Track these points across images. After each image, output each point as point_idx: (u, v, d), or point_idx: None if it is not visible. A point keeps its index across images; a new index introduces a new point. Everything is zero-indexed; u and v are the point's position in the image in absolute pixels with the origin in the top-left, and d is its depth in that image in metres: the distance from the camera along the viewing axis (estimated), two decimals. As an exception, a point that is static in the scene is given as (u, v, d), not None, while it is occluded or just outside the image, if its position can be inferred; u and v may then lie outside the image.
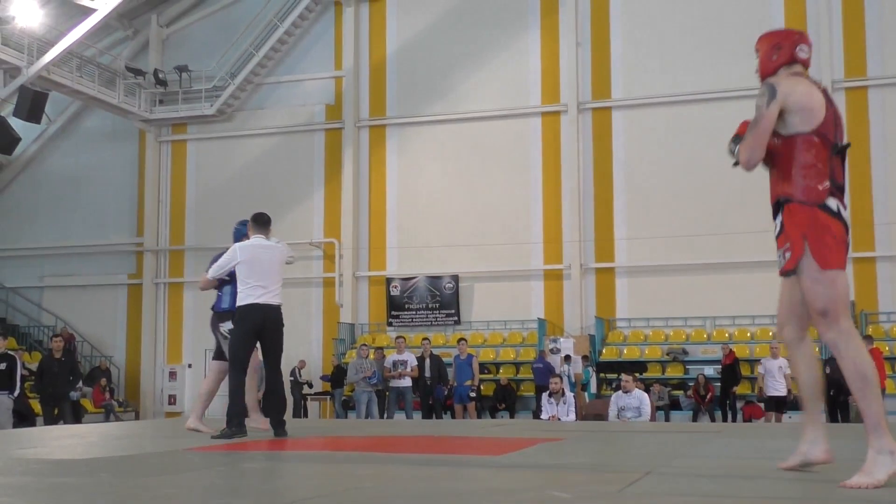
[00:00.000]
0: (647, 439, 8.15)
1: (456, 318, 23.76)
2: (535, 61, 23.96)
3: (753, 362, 20.04)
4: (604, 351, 22.08)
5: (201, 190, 26.47)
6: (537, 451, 6.54)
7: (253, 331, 7.95)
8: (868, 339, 17.51)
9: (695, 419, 19.39)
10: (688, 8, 22.89)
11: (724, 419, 19.22)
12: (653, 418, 15.08)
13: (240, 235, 8.76)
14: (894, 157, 20.93)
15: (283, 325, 8.09)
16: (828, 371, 17.88)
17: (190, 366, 25.09)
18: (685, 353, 21.65)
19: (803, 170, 4.27)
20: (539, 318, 22.81)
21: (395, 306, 24.08)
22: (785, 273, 4.42)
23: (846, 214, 4.31)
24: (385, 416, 18.27)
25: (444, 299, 23.75)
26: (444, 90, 24.58)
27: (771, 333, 21.33)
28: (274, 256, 8.19)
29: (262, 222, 8.48)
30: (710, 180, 22.11)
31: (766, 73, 4.56)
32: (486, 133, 24.07)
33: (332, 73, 25.80)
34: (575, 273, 22.87)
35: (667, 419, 19.46)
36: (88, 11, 22.49)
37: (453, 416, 18.90)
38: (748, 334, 21.70)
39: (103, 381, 23.56)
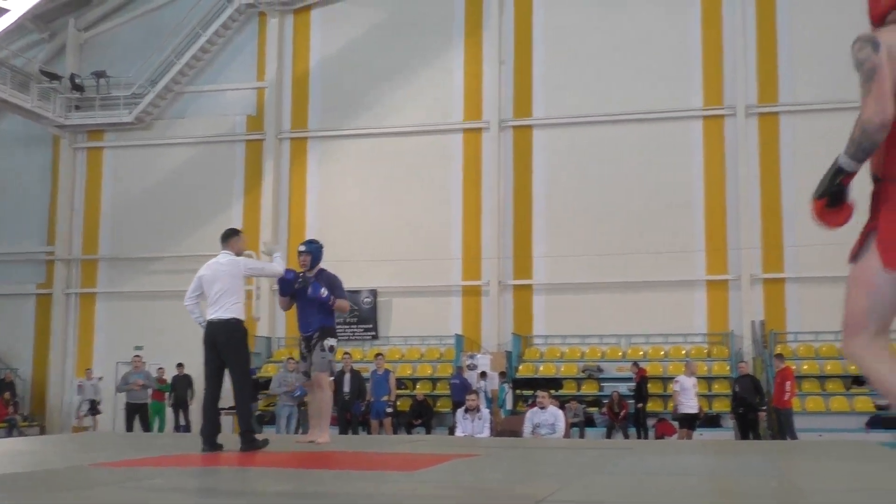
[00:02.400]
0: (561, 456, 8.22)
1: (374, 333, 23.68)
2: (459, 78, 24.12)
3: (667, 380, 20.36)
4: (520, 367, 22.23)
5: (118, 199, 25.96)
6: (452, 467, 6.55)
7: (206, 346, 8.11)
8: (780, 357, 17.94)
9: (608, 436, 19.62)
10: (607, 31, 23.28)
11: (639, 436, 19.49)
12: (567, 435, 15.22)
13: (319, 255, 9.40)
14: (804, 182, 21.45)
15: (234, 338, 8.10)
16: (737, 389, 18.32)
17: (100, 378, 24.49)
18: (600, 370, 21.91)
19: (891, 139, 3.47)
20: (457, 334, 22.88)
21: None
22: (852, 262, 3.58)
23: None
24: (300, 430, 18.09)
25: (362, 314, 23.65)
26: (367, 104, 24.56)
27: (684, 352, 21.76)
28: (221, 272, 8.17)
29: (222, 238, 8.54)
30: (625, 200, 22.53)
31: (875, 15, 3.70)
32: (408, 148, 24.11)
33: (254, 83, 25.59)
34: (493, 290, 23.01)
35: (581, 436, 19.65)
36: (1, 11, 21.93)
37: (369, 432, 18.81)
38: (661, 352, 22.08)
39: (7, 395, 22.88)
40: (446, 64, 24.20)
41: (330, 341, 9.20)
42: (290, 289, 9.34)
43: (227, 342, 8.06)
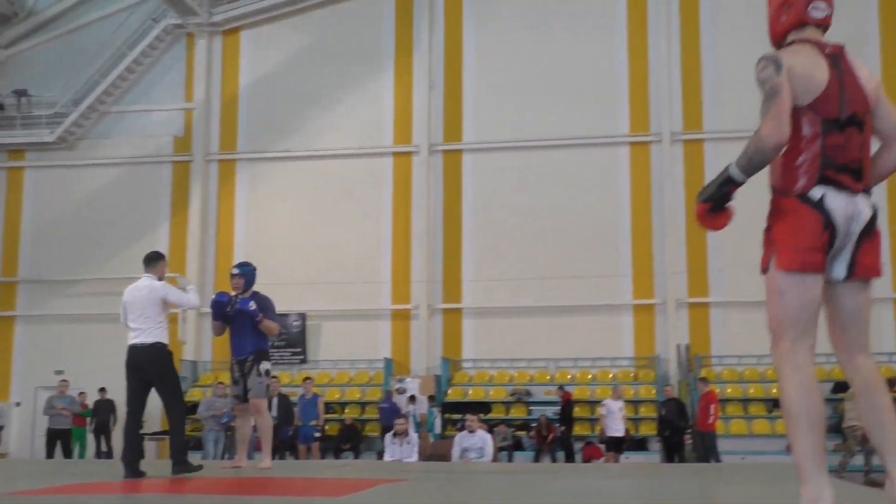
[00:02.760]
0: (489, 480, 8.22)
1: (302, 357, 23.47)
2: (389, 102, 24.15)
3: (594, 403, 20.53)
4: (449, 391, 22.21)
5: (39, 220, 25.35)
6: (379, 493, 6.50)
7: (129, 371, 8.02)
8: (703, 381, 18.21)
9: (537, 459, 19.68)
10: (537, 58, 23.55)
11: (566, 459, 19.59)
12: (495, 459, 15.24)
13: (252, 278, 9.67)
14: (727, 208, 21.96)
15: (160, 361, 8.00)
16: (663, 412, 18.53)
17: (18, 404, 23.83)
18: (529, 394, 22.01)
19: (789, 153, 3.64)
20: (386, 358, 22.79)
21: (241, 344, 23.55)
22: (763, 273, 3.70)
23: (852, 202, 3.56)
24: (226, 456, 17.81)
25: (290, 337, 23.41)
26: (296, 127, 24.44)
27: (611, 375, 21.98)
28: (140, 297, 8.14)
29: (144, 261, 8.51)
30: (554, 225, 22.74)
31: (774, 36, 3.92)
32: (337, 171, 24.04)
33: (182, 104, 25.28)
34: (423, 313, 23.00)
35: (510, 460, 19.68)
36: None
37: (297, 457, 18.59)
38: (589, 376, 22.26)
39: (-78, 420, 22.12)
40: (376, 87, 24.23)
41: (265, 365, 9.26)
42: (223, 312, 9.36)
43: (152, 366, 8.00)
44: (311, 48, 24.75)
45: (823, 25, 3.81)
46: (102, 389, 21.00)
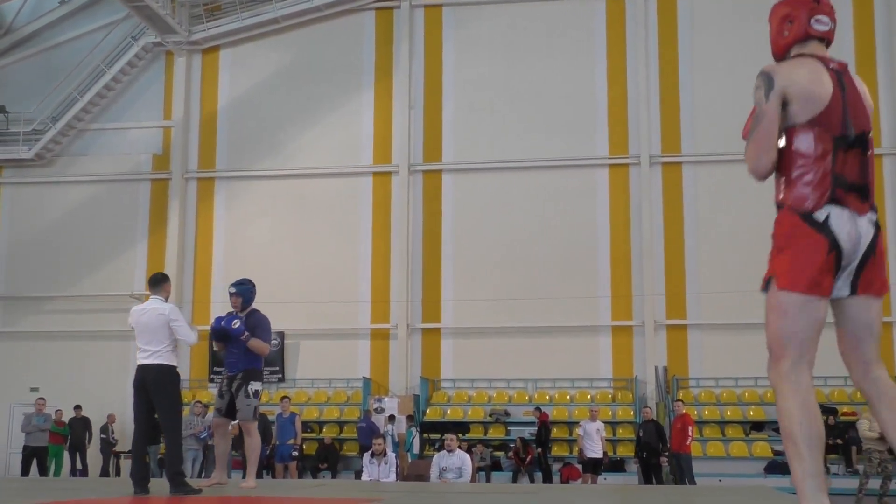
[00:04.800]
0: (467, 500, 8.20)
1: (280, 376, 23.37)
2: (368, 122, 24.19)
3: (572, 424, 20.55)
4: (428, 411, 22.17)
5: (14, 236, 25.17)
6: (356, 513, 6.46)
7: (135, 391, 8.23)
8: (679, 402, 18.23)
9: (515, 480, 19.65)
10: (517, 81, 23.68)
11: (544, 480, 19.57)
12: (473, 479, 15.19)
13: (250, 296, 9.52)
14: (705, 230, 22.18)
15: (164, 382, 8.15)
16: (640, 434, 18.55)
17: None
18: (507, 414, 22.00)
19: (795, 170, 3.59)
20: (364, 377, 22.73)
21: (218, 362, 23.42)
22: (763, 290, 3.65)
23: (856, 223, 3.55)
24: (203, 475, 17.69)
25: (268, 356, 23.24)
26: (275, 145, 24.43)
27: (589, 396, 21.99)
28: (145, 319, 8.24)
29: (150, 282, 8.61)
30: (533, 245, 22.81)
31: (777, 51, 3.87)
32: (316, 190, 24.03)
33: (160, 122, 25.23)
34: (402, 333, 22.97)
35: (488, 480, 19.64)
36: None
37: (274, 476, 18.48)
38: (568, 397, 22.27)
39: None
40: (356, 107, 24.27)
41: (254, 385, 9.22)
42: (219, 334, 9.37)
43: (156, 386, 8.11)
44: (292, 67, 24.77)
45: (826, 39, 3.79)
46: (78, 407, 20.81)
